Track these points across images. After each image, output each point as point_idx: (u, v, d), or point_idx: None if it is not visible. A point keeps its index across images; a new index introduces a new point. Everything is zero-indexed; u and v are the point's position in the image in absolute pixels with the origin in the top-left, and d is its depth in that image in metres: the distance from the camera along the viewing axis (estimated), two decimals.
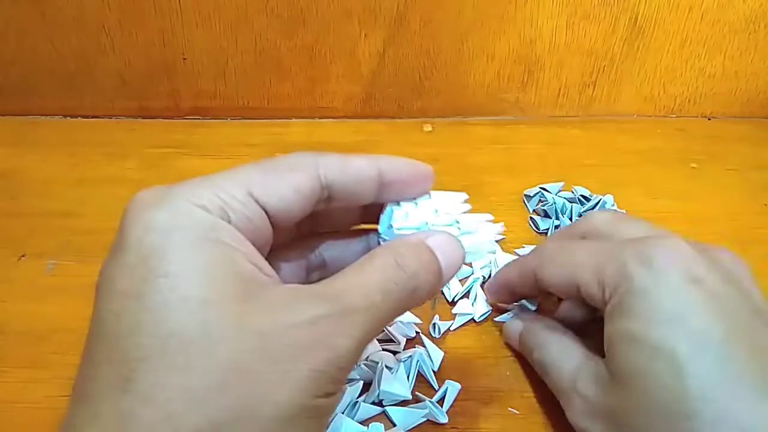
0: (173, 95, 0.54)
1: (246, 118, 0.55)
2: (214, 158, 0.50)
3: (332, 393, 0.20)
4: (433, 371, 0.34)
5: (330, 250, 0.27)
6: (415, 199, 0.26)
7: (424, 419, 0.31)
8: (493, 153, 0.51)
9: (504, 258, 0.40)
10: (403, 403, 0.32)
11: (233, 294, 0.19)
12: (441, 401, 0.32)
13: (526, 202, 0.46)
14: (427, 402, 0.32)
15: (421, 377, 0.33)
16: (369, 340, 0.21)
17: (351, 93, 0.54)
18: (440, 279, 0.24)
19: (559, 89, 0.55)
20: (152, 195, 0.20)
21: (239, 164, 0.22)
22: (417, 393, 0.32)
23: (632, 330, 0.25)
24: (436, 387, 0.33)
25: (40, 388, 0.33)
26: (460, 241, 0.25)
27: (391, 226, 0.26)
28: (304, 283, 0.22)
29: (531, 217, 0.44)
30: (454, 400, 0.32)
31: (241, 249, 0.20)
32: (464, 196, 0.27)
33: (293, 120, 0.55)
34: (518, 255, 0.41)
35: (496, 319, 0.36)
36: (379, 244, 0.26)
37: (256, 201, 0.21)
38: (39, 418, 0.31)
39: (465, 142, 0.53)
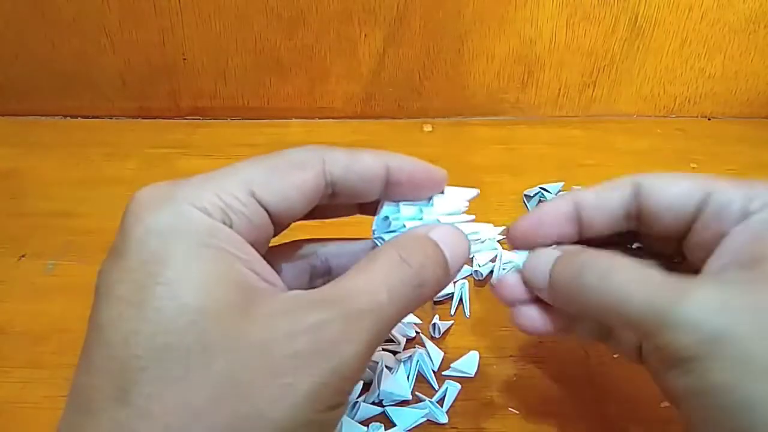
0: (173, 95, 0.54)
1: (246, 118, 0.55)
2: (214, 158, 0.50)
3: (337, 406, 0.19)
4: (433, 371, 0.34)
5: (335, 256, 0.26)
6: (427, 200, 0.25)
7: (424, 419, 0.31)
8: (493, 153, 0.51)
9: (507, 255, 0.40)
10: (403, 403, 0.32)
11: (232, 303, 0.18)
12: (441, 401, 0.32)
13: (526, 202, 0.46)
14: (427, 402, 0.32)
15: (421, 377, 0.33)
16: (377, 345, 0.20)
17: (351, 93, 0.54)
18: (447, 272, 0.22)
19: (559, 89, 0.55)
20: (153, 195, 0.20)
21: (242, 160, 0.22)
22: (417, 393, 0.32)
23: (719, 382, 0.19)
24: (436, 387, 0.33)
25: (40, 388, 0.33)
26: (464, 233, 0.24)
27: (386, 218, 0.25)
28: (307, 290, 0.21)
29: None
30: (454, 400, 0.32)
31: (241, 255, 0.20)
32: (476, 191, 0.26)
33: (293, 120, 0.55)
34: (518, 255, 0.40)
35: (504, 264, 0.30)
36: (376, 245, 0.25)
37: (258, 201, 0.21)
38: (39, 418, 0.31)
39: (465, 142, 0.53)
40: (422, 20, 0.50)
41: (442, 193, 0.25)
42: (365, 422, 0.31)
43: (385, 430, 0.31)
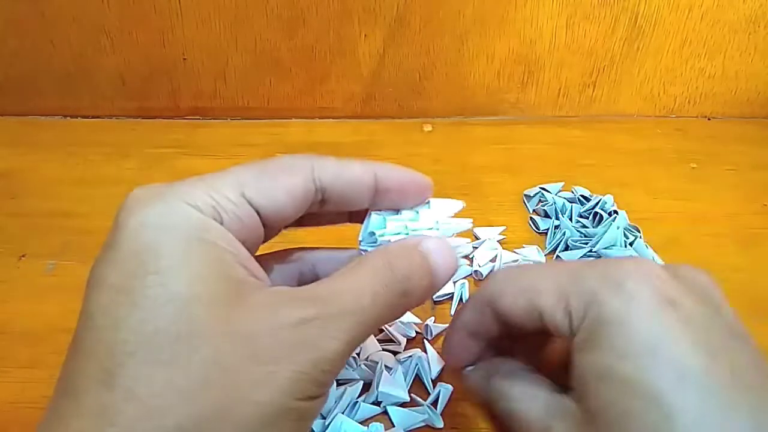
0: (173, 95, 0.54)
1: (246, 118, 0.55)
2: (214, 158, 0.50)
3: (315, 396, 0.20)
4: (431, 379, 0.33)
5: (323, 264, 0.27)
6: (413, 208, 0.26)
7: (423, 424, 0.31)
8: (493, 153, 0.51)
9: (508, 257, 0.40)
10: (404, 404, 0.32)
11: (221, 294, 0.19)
12: (435, 403, 0.32)
13: (526, 202, 0.46)
14: (426, 407, 0.31)
15: (418, 378, 0.33)
16: (357, 344, 0.21)
17: (351, 93, 0.54)
18: (432, 283, 0.23)
19: (559, 89, 0.55)
20: (147, 193, 0.21)
21: (237, 164, 0.22)
22: (412, 395, 0.32)
23: (605, 365, 0.21)
24: (431, 391, 0.33)
25: (40, 388, 0.33)
26: (452, 245, 0.24)
27: (372, 233, 0.25)
28: None
29: (531, 218, 0.44)
30: (450, 401, 0.32)
31: (232, 251, 0.20)
32: (461, 204, 0.27)
33: (293, 120, 0.55)
34: (519, 255, 0.41)
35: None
36: (360, 253, 0.26)
37: (249, 202, 0.21)
38: (39, 418, 0.31)
39: (465, 142, 0.53)
40: (422, 20, 0.50)
41: (428, 206, 0.26)
42: (365, 422, 0.31)
43: (385, 430, 0.31)
